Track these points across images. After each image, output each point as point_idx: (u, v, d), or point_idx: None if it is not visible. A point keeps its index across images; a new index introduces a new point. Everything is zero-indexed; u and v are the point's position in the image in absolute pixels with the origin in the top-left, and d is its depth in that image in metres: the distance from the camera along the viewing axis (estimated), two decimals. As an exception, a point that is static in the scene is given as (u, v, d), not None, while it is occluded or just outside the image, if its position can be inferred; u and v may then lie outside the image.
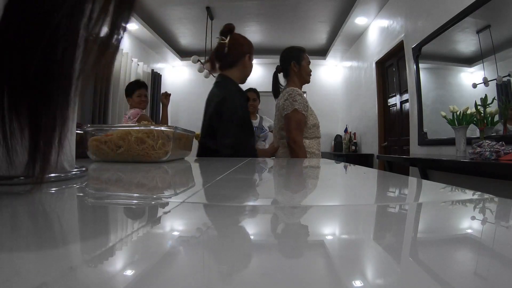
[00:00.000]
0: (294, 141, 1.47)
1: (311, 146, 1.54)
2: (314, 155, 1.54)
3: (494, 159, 1.34)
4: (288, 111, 1.50)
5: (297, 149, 1.46)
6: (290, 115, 1.49)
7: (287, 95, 1.53)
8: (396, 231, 0.21)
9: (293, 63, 1.61)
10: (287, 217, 0.25)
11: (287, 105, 1.51)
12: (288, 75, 1.65)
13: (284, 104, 1.52)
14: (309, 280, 0.12)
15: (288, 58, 1.64)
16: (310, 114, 1.55)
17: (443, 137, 2.19)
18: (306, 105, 1.53)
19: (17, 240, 0.16)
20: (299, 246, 0.17)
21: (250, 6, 3.82)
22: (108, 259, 0.14)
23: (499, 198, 0.29)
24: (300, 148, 1.47)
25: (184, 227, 0.21)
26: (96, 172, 0.55)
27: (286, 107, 1.51)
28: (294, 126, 1.49)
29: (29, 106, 0.21)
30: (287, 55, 1.66)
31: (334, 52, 4.94)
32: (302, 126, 1.51)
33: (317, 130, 1.58)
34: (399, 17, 3.06)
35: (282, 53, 1.69)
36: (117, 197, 0.33)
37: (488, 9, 1.85)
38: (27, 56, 0.19)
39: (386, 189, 0.45)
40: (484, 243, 0.18)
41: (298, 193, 0.40)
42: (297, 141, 1.47)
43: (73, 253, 0.15)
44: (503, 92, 1.78)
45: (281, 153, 1.58)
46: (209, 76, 4.21)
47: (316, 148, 1.56)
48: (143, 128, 0.73)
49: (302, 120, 1.50)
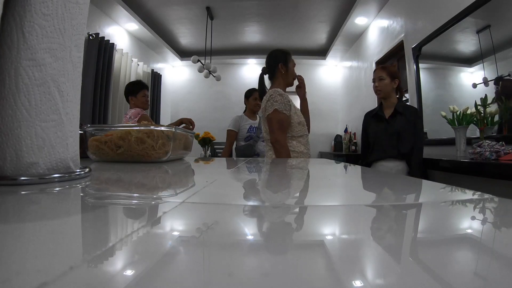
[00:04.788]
0: (276, 140, 1.47)
1: (298, 145, 1.53)
2: (302, 154, 1.53)
3: (494, 159, 1.34)
4: (269, 112, 1.50)
5: (280, 149, 1.46)
6: (271, 116, 1.49)
7: (268, 96, 1.53)
8: (396, 231, 0.21)
9: (280, 65, 1.61)
10: (287, 217, 0.25)
11: (268, 106, 1.51)
12: (273, 76, 1.64)
13: (266, 105, 1.53)
14: (310, 280, 0.12)
15: (276, 59, 1.63)
16: (294, 113, 1.54)
17: (443, 137, 2.19)
18: (289, 104, 1.51)
19: (17, 240, 0.16)
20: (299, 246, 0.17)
21: (250, 6, 3.82)
22: (108, 259, 0.14)
23: (499, 198, 0.29)
24: (283, 147, 1.47)
25: (184, 227, 0.21)
26: (96, 172, 0.55)
27: (268, 107, 1.51)
28: (276, 126, 1.49)
29: None
30: (275, 56, 1.65)
31: (334, 52, 4.93)
32: (285, 126, 1.51)
33: (304, 128, 1.58)
34: (399, 17, 3.06)
35: (270, 54, 1.68)
36: (117, 197, 0.33)
37: (488, 9, 1.85)
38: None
39: (386, 189, 0.45)
40: (484, 243, 0.18)
41: (298, 193, 0.40)
42: (279, 140, 1.47)
43: (74, 253, 0.15)
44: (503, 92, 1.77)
45: (269, 155, 1.58)
46: (209, 76, 4.21)
47: (304, 147, 1.56)
48: (143, 128, 0.73)
49: (283, 120, 1.50)
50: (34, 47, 0.33)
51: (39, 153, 0.34)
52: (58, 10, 0.35)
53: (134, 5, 3.64)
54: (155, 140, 0.72)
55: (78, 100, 0.41)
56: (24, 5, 0.33)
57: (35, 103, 0.34)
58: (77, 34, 0.38)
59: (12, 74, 0.33)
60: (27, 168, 0.34)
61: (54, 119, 0.36)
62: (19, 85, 0.33)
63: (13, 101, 0.33)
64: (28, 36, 0.33)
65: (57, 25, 0.35)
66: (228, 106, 5.34)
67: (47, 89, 0.35)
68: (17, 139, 0.33)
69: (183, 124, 2.26)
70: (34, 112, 0.34)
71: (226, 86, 5.43)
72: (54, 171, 0.36)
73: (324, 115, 5.36)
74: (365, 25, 3.92)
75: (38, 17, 0.33)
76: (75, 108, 0.40)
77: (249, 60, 5.44)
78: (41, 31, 0.34)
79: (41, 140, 0.34)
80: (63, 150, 0.37)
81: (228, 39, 4.80)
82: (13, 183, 0.33)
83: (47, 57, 0.34)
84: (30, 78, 0.33)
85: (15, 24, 0.33)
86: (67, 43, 0.37)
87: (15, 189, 0.32)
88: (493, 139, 1.47)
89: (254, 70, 5.51)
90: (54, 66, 0.35)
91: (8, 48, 0.33)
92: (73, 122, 0.39)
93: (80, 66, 0.40)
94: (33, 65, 0.33)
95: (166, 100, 5.31)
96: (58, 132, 0.36)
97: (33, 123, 0.34)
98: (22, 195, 0.30)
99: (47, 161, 0.35)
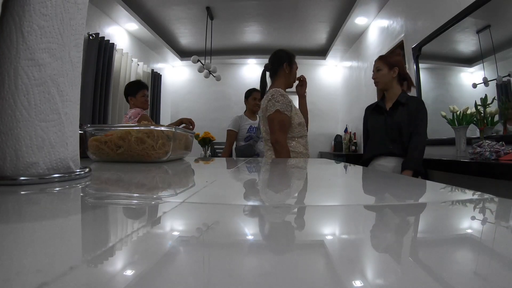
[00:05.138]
0: (276, 141, 1.48)
1: (297, 146, 1.54)
2: (301, 155, 1.54)
3: (494, 159, 1.34)
4: (270, 112, 1.50)
5: (280, 149, 1.47)
6: (273, 116, 1.49)
7: (270, 96, 1.52)
8: (396, 231, 0.21)
9: (285, 64, 1.61)
10: (287, 217, 0.25)
11: (270, 106, 1.51)
12: (276, 74, 1.63)
13: (268, 105, 1.52)
14: (310, 280, 0.12)
15: (282, 58, 1.62)
16: (295, 114, 1.55)
17: (443, 137, 2.19)
18: (290, 105, 1.52)
19: (17, 240, 0.16)
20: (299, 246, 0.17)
21: (250, 6, 3.82)
22: (108, 259, 0.14)
23: (499, 198, 0.29)
24: (283, 148, 1.47)
25: (184, 227, 0.21)
26: (96, 172, 0.55)
27: (269, 107, 1.51)
28: (277, 127, 1.49)
29: None
30: (280, 55, 1.64)
31: (334, 52, 4.94)
32: (286, 127, 1.51)
33: (303, 129, 1.58)
34: (399, 17, 3.06)
35: (275, 53, 1.67)
36: (117, 197, 0.33)
37: (488, 9, 1.85)
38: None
39: (386, 189, 0.45)
40: (484, 243, 0.18)
41: (298, 193, 0.40)
42: (279, 141, 1.47)
43: (74, 253, 0.15)
44: (503, 92, 1.78)
45: (269, 155, 1.58)
46: (209, 76, 4.21)
47: (303, 147, 1.57)
48: (143, 128, 0.73)
49: (285, 121, 1.50)
50: (33, 47, 0.33)
51: (38, 153, 0.34)
52: (57, 10, 0.35)
53: (134, 5, 3.64)
54: (155, 140, 0.72)
55: (78, 100, 0.41)
56: (23, 5, 0.33)
57: (34, 103, 0.34)
58: (76, 34, 0.38)
59: (12, 74, 0.33)
60: (27, 168, 0.34)
61: (54, 119, 0.36)
62: (19, 85, 0.33)
63: (13, 101, 0.33)
64: (27, 36, 0.33)
65: (56, 25, 0.35)
66: (228, 106, 5.34)
67: (46, 89, 0.35)
68: (17, 139, 0.33)
69: (183, 124, 2.26)
70: (33, 112, 0.34)
71: (226, 86, 5.44)
72: (54, 171, 0.36)
73: (324, 115, 5.36)
74: (365, 25, 3.92)
75: (37, 17, 0.33)
76: (75, 108, 0.40)
77: (249, 60, 5.44)
78: (40, 31, 0.34)
79: (41, 140, 0.34)
80: (63, 150, 0.37)
81: (228, 39, 4.80)
82: (13, 183, 0.33)
83: (46, 57, 0.34)
84: (29, 78, 0.33)
85: (14, 24, 0.33)
86: (66, 43, 0.37)
87: (15, 189, 0.32)
88: (493, 139, 1.47)
89: (254, 70, 5.51)
90: (53, 66, 0.35)
91: (7, 48, 0.33)
92: (73, 122, 0.39)
93: (80, 66, 0.40)
94: (32, 65, 0.33)
95: (166, 100, 5.31)
96: (57, 132, 0.36)
97: (33, 123, 0.34)
98: (22, 195, 0.30)
99: (47, 161, 0.35)
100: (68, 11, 0.37)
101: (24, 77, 0.33)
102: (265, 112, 1.55)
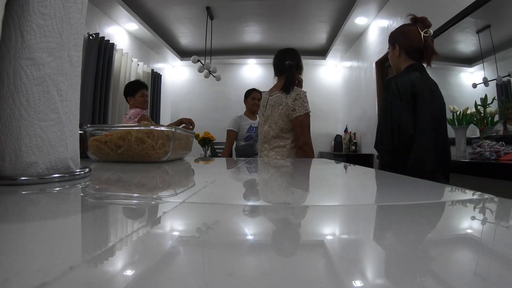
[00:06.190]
0: (306, 143, 1.50)
1: None
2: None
3: (494, 159, 1.34)
4: (300, 113, 1.48)
5: (309, 151, 1.50)
6: (303, 118, 1.48)
7: (295, 95, 1.49)
8: (395, 231, 0.21)
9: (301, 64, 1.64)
10: (287, 217, 0.25)
11: (298, 106, 1.48)
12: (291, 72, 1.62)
13: (294, 105, 1.48)
14: (310, 280, 0.12)
15: (298, 59, 1.63)
16: None
17: (443, 137, 2.19)
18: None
19: (17, 240, 0.16)
20: (299, 246, 0.17)
21: (250, 6, 3.82)
22: (108, 259, 0.14)
23: (499, 198, 0.29)
24: (311, 149, 1.52)
25: (184, 227, 0.21)
26: (96, 172, 0.55)
27: (298, 108, 1.48)
28: (306, 129, 1.51)
29: None
30: (296, 55, 1.64)
31: (334, 52, 4.94)
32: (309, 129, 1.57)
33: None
34: (399, 17, 3.06)
35: (291, 51, 1.65)
36: (117, 197, 0.33)
37: (488, 9, 1.85)
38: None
39: (386, 189, 0.45)
40: (484, 243, 0.18)
41: (298, 193, 0.40)
42: (309, 143, 1.51)
43: (74, 253, 0.15)
44: (503, 92, 1.78)
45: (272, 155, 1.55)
46: (209, 76, 4.21)
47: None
48: (143, 128, 0.73)
49: (309, 122, 1.54)
50: (32, 46, 0.33)
51: (38, 152, 0.34)
52: (56, 9, 0.35)
53: (134, 5, 3.64)
54: (155, 140, 0.72)
55: (77, 99, 0.40)
56: (22, 4, 0.33)
57: (33, 102, 0.34)
58: (75, 34, 0.38)
59: (11, 73, 0.32)
60: (26, 167, 0.33)
61: (53, 119, 0.36)
62: (18, 84, 0.33)
63: (12, 100, 0.33)
64: (27, 35, 0.33)
65: (55, 25, 0.35)
66: (228, 106, 5.34)
67: (45, 88, 0.35)
68: (16, 138, 0.33)
69: (183, 124, 2.26)
70: (33, 112, 0.34)
71: (226, 86, 5.43)
72: (54, 171, 0.36)
73: (324, 115, 5.36)
74: (365, 25, 3.92)
75: (36, 17, 0.33)
76: (74, 107, 0.40)
77: (249, 60, 5.44)
78: (39, 30, 0.34)
79: (40, 140, 0.34)
80: (63, 150, 0.37)
81: (228, 39, 4.80)
82: (13, 183, 0.33)
83: (45, 57, 0.34)
84: (28, 78, 0.33)
85: (14, 23, 0.33)
86: (65, 43, 0.37)
87: (15, 189, 0.32)
88: (493, 139, 1.47)
89: (254, 70, 5.51)
90: (53, 65, 0.35)
91: (7, 48, 0.32)
92: (72, 122, 0.39)
93: (79, 66, 0.40)
94: (32, 64, 0.33)
95: (166, 100, 5.31)
96: (57, 132, 0.36)
97: (32, 122, 0.34)
98: (22, 195, 0.30)
99: (47, 160, 0.35)
100: (67, 11, 0.37)
101: (23, 76, 0.33)
102: (290, 111, 1.49)
